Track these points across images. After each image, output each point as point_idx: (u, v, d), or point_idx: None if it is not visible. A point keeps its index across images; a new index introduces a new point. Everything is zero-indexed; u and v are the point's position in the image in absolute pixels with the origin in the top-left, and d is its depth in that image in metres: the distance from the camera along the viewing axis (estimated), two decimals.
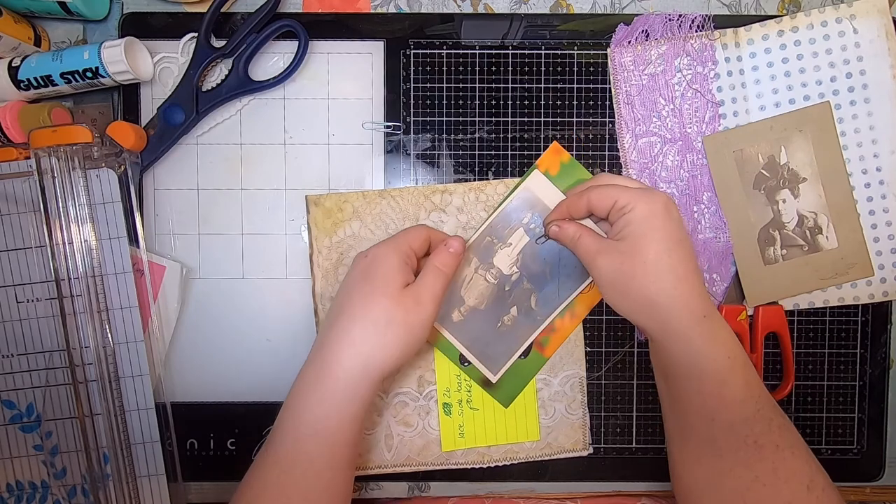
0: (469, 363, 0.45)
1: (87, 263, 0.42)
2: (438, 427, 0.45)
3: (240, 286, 0.45)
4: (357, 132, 0.45)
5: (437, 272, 0.39)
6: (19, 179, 0.43)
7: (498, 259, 0.44)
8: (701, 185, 0.45)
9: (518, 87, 0.45)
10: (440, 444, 0.45)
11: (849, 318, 0.46)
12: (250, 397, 0.46)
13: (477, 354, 0.45)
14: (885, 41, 0.43)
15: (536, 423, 0.45)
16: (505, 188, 0.45)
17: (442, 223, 0.45)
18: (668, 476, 0.46)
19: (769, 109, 0.44)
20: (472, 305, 0.44)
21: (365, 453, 0.45)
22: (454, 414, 0.45)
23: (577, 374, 0.45)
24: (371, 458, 0.45)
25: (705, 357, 0.36)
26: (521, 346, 0.45)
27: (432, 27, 0.45)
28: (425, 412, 0.45)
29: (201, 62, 0.43)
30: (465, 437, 0.45)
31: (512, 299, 0.44)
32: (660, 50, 0.44)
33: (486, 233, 0.44)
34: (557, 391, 0.45)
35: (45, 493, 0.43)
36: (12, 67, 0.42)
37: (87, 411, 0.42)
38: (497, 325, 0.45)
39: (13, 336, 0.43)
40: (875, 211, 0.44)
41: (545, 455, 0.45)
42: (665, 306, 0.37)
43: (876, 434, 0.46)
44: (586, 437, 0.46)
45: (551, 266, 0.45)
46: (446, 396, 0.45)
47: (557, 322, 0.45)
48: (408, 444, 0.45)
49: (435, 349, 0.45)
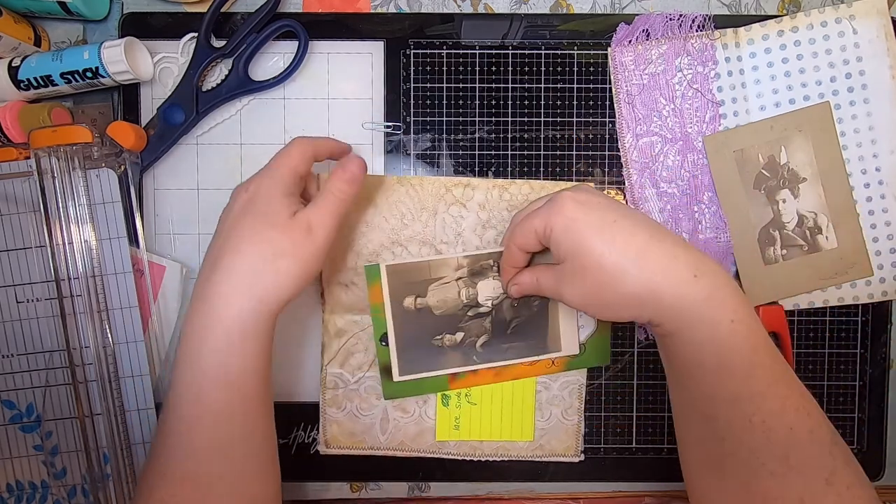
0: (386, 345, 0.43)
1: (87, 263, 0.42)
2: (435, 416, 0.45)
3: None
4: (357, 132, 0.45)
5: (331, 198, 0.36)
6: (19, 179, 0.43)
7: (483, 286, 0.43)
8: (701, 185, 0.45)
9: (518, 87, 0.45)
10: (434, 433, 0.45)
11: (849, 318, 0.46)
12: None
13: (399, 346, 0.43)
14: (884, 41, 0.43)
15: (532, 425, 0.45)
16: (529, 189, 0.44)
17: (462, 218, 0.44)
18: (667, 476, 0.47)
19: (769, 109, 0.44)
20: (429, 304, 0.43)
21: (359, 433, 0.45)
22: (452, 406, 0.45)
23: (577, 380, 0.45)
24: (365, 439, 0.45)
25: (704, 322, 0.32)
26: (439, 369, 0.44)
27: (432, 27, 0.45)
28: (423, 401, 0.45)
29: (201, 62, 0.43)
30: (461, 430, 0.45)
31: (464, 325, 0.43)
32: (660, 49, 0.44)
33: (491, 256, 0.43)
34: (556, 395, 0.45)
35: (45, 493, 0.43)
36: (12, 67, 0.42)
37: (87, 411, 0.42)
38: (434, 338, 0.43)
39: (13, 336, 0.43)
40: (874, 211, 0.44)
41: (536, 456, 0.45)
42: (644, 292, 0.33)
43: (876, 434, 0.46)
44: (579, 443, 0.46)
45: (517, 325, 0.44)
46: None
47: (483, 371, 0.44)
48: (403, 429, 0.45)
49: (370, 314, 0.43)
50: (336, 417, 0.45)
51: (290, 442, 0.46)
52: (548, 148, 0.45)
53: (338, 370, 0.45)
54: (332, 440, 0.45)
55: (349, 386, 0.45)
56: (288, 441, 0.46)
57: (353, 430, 0.45)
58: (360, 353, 0.45)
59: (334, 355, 0.45)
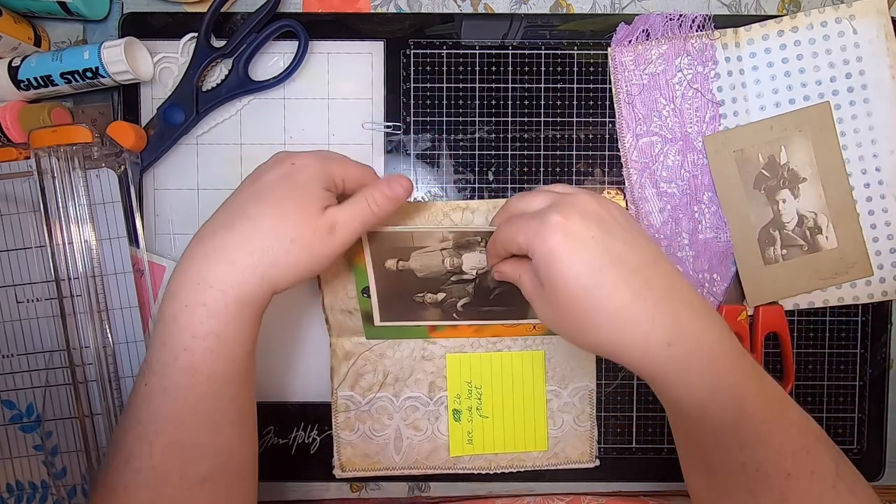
0: (368, 297, 0.42)
1: (87, 263, 0.42)
2: (447, 432, 0.45)
3: None
4: (357, 132, 0.45)
5: (365, 207, 0.35)
6: (19, 179, 0.43)
7: (469, 257, 0.42)
8: (701, 185, 0.45)
9: (518, 87, 0.45)
10: (448, 449, 0.45)
11: (849, 318, 0.46)
12: None
13: (380, 298, 0.42)
14: (884, 41, 0.43)
15: (545, 434, 0.45)
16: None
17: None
18: (667, 476, 0.47)
19: (769, 109, 0.44)
20: (412, 267, 0.42)
21: (373, 454, 0.45)
22: (463, 420, 0.45)
23: (586, 386, 0.45)
24: (380, 460, 0.45)
25: (680, 385, 0.31)
26: (419, 321, 0.43)
27: (432, 27, 0.45)
28: (435, 417, 0.45)
29: (201, 62, 0.43)
30: (474, 444, 0.45)
31: (446, 287, 0.42)
32: (660, 49, 0.44)
33: (479, 234, 0.41)
34: (567, 402, 0.45)
35: (45, 493, 0.43)
36: (12, 67, 0.42)
37: (87, 411, 0.42)
38: (416, 294, 0.42)
39: (13, 336, 0.43)
40: (874, 211, 0.44)
41: (552, 465, 0.45)
42: (612, 351, 0.31)
43: (876, 434, 0.46)
44: (593, 449, 0.45)
45: (500, 292, 0.43)
46: (456, 403, 0.45)
47: (463, 327, 0.44)
48: (416, 447, 0.45)
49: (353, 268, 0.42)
50: (350, 440, 0.45)
51: (290, 442, 0.46)
52: (548, 148, 0.45)
53: (348, 392, 0.45)
54: (348, 463, 0.45)
55: (361, 408, 0.45)
56: (288, 441, 0.46)
57: (368, 451, 0.45)
58: (369, 373, 0.45)
59: (343, 378, 0.45)
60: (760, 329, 0.45)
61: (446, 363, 0.45)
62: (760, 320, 0.45)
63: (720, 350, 0.31)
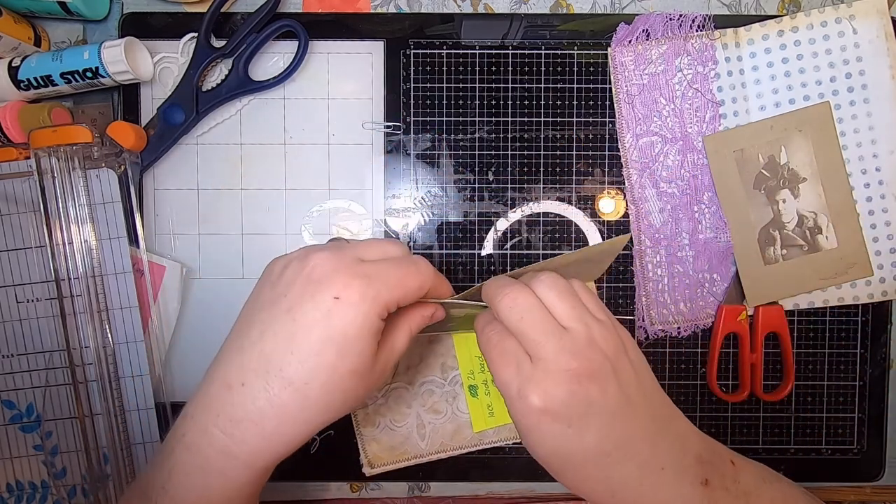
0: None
1: (87, 263, 0.42)
2: (467, 409, 0.45)
3: (240, 286, 0.45)
4: (357, 132, 0.45)
5: (409, 334, 0.32)
6: (19, 179, 0.43)
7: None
8: (702, 185, 0.45)
9: (518, 87, 0.45)
10: (471, 425, 0.45)
11: (849, 318, 0.46)
12: None
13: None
14: (884, 41, 0.43)
15: None
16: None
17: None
18: None
19: (769, 109, 0.44)
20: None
21: (399, 445, 0.45)
22: (481, 395, 0.45)
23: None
24: (407, 450, 0.45)
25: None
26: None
27: (432, 27, 0.45)
28: (452, 397, 0.45)
29: (201, 62, 0.43)
30: (496, 416, 0.45)
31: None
32: (660, 49, 0.44)
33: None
34: None
35: (45, 493, 0.43)
36: (12, 67, 0.42)
37: (87, 411, 0.42)
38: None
39: (13, 336, 0.43)
40: (874, 211, 0.44)
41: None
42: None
43: (876, 434, 0.46)
44: None
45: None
46: (470, 379, 0.45)
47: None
48: (440, 430, 0.45)
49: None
50: (373, 435, 0.45)
51: None
52: (548, 148, 0.45)
53: None
54: (375, 459, 0.45)
55: (377, 401, 0.45)
56: None
57: (393, 443, 0.45)
58: None
59: None
60: (760, 329, 0.45)
61: (454, 342, 0.45)
62: (760, 320, 0.45)
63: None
